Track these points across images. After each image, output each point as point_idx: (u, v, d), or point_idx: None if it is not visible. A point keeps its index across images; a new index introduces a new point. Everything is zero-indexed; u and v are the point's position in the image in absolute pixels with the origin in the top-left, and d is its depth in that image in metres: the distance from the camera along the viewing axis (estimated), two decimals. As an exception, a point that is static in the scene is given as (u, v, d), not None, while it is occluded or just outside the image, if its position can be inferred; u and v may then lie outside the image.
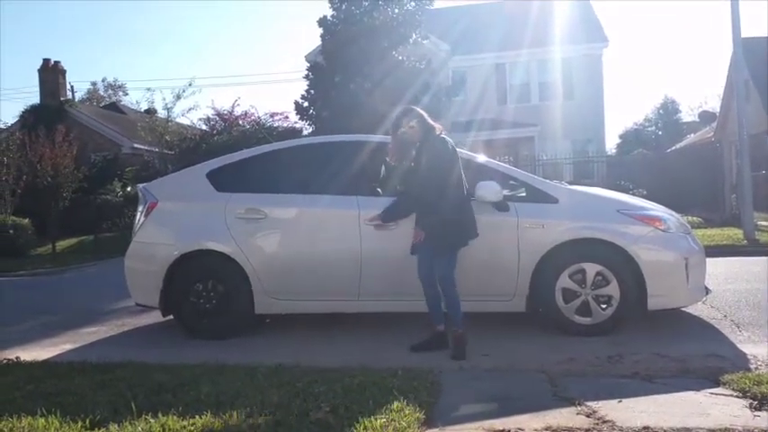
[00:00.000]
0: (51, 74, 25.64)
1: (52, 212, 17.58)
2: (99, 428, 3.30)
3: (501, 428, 3.17)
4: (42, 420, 3.43)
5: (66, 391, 3.98)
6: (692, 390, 3.72)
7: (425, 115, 4.87)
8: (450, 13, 27.76)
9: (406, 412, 3.30)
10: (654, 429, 3.11)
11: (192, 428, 3.22)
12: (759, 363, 4.31)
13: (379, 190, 6.44)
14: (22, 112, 25.17)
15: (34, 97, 35.93)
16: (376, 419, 3.20)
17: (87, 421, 3.37)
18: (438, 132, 4.78)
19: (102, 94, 51.96)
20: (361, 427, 3.12)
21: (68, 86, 29.55)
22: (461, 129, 22.42)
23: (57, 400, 3.75)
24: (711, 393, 3.65)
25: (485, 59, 25.51)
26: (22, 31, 77.61)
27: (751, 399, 3.49)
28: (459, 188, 4.75)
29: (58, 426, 3.35)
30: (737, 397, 3.56)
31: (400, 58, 17.65)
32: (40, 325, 6.96)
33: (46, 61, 25.84)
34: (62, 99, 25.72)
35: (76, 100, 33.47)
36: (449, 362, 4.51)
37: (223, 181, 5.95)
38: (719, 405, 3.45)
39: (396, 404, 3.41)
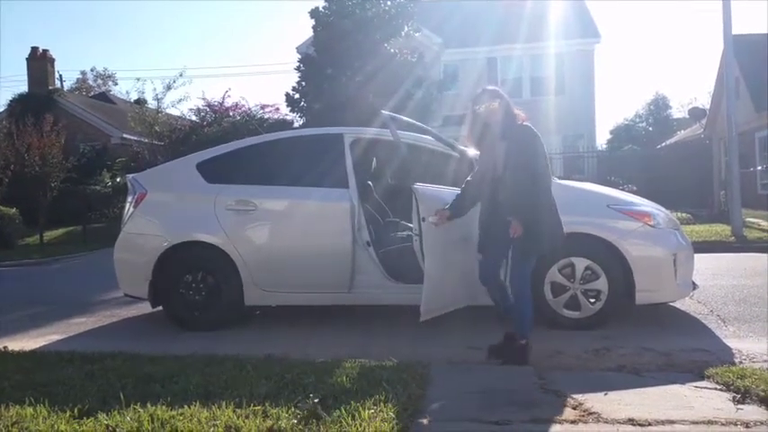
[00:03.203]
0: (40, 62, 25.45)
1: (40, 202, 17.46)
2: (87, 418, 3.29)
3: (489, 420, 3.19)
4: (30, 410, 3.42)
5: (55, 380, 3.97)
6: (678, 383, 3.76)
7: (510, 100, 4.43)
8: (443, 6, 27.68)
9: (395, 403, 3.32)
10: (639, 422, 3.14)
11: (181, 419, 3.22)
12: (743, 357, 4.38)
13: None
14: (10, 100, 25.03)
15: (22, 86, 35.61)
16: (364, 410, 3.22)
17: (76, 411, 3.37)
18: (522, 120, 4.35)
19: (91, 83, 51.51)
20: (350, 418, 3.13)
21: (57, 75, 29.37)
22: (453, 123, 22.35)
23: (45, 390, 3.74)
24: (696, 387, 3.69)
25: (477, 53, 25.49)
26: (11, 19, 76.87)
27: (734, 392, 3.53)
28: (550, 180, 4.36)
29: (46, 415, 3.35)
30: (721, 390, 3.60)
31: (392, 50, 17.62)
32: (28, 315, 6.94)
33: (34, 50, 25.63)
34: (51, 88, 25.51)
35: (65, 89, 33.19)
36: (438, 355, 4.53)
37: (213, 172, 5.94)
38: (703, 398, 3.49)
39: (384, 395, 3.43)
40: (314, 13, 18.29)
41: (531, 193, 4.13)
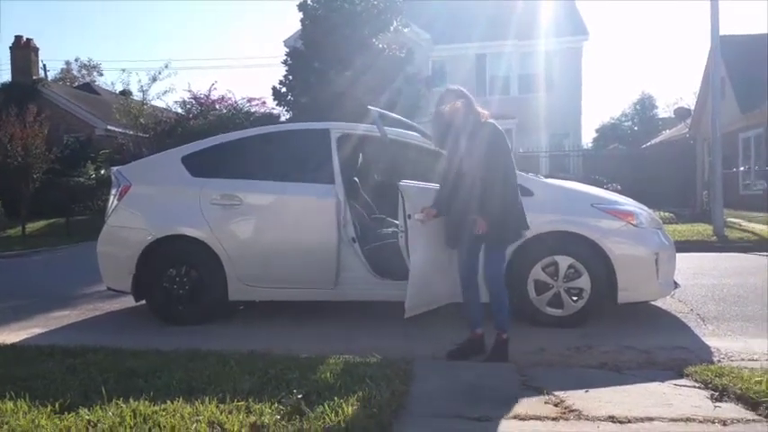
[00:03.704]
0: (23, 52, 25.22)
1: (23, 194, 17.30)
2: (69, 413, 3.27)
3: (470, 416, 3.21)
4: (11, 404, 3.40)
5: (36, 375, 3.94)
6: (657, 381, 3.80)
7: (473, 99, 4.49)
8: (432, 2, 27.64)
9: (378, 400, 3.33)
10: (618, 419, 3.18)
11: (164, 414, 3.21)
12: (722, 356, 4.43)
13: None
14: (-7, 90, 24.70)
15: (5, 75, 35.24)
16: (348, 406, 3.23)
17: (57, 405, 3.35)
18: (485, 118, 4.41)
19: (75, 74, 51.07)
20: (333, 414, 3.14)
21: (41, 65, 29.05)
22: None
23: (26, 384, 3.72)
24: (675, 385, 3.73)
25: (466, 50, 25.53)
26: (-5, 7, 75.91)
27: (712, 390, 3.58)
28: (515, 176, 4.47)
29: (26, 410, 3.33)
30: (700, 388, 3.65)
31: (381, 45, 17.59)
32: (8, 308, 6.88)
33: (18, 39, 25.40)
34: (34, 78, 25.29)
35: (49, 79, 32.87)
36: (422, 351, 4.55)
37: (198, 166, 5.91)
38: (682, 396, 3.53)
39: (368, 392, 3.44)
40: (302, 6, 18.21)
41: (496, 188, 4.25)
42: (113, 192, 6.07)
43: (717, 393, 3.53)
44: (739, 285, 7.01)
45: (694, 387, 3.68)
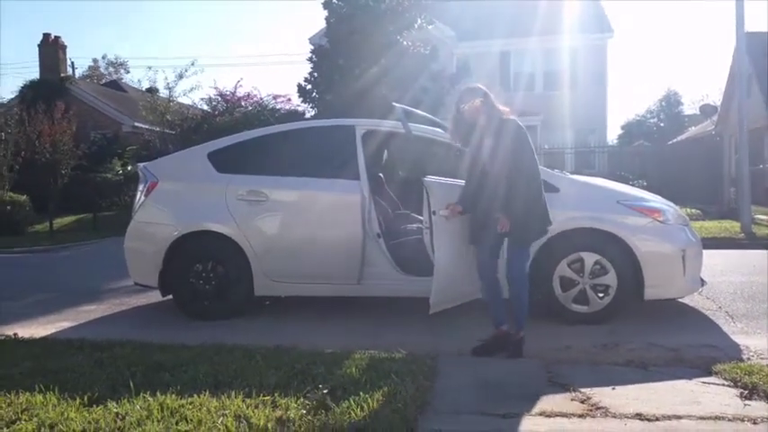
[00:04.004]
0: (51, 49, 25.49)
1: (51, 189, 17.52)
2: (97, 406, 3.32)
3: (496, 413, 3.20)
4: (40, 397, 3.46)
5: (65, 368, 4.00)
6: (685, 378, 3.76)
7: (492, 96, 4.48)
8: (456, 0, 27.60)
9: (403, 395, 3.33)
10: (646, 416, 3.15)
11: (191, 407, 3.25)
12: (751, 353, 4.37)
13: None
14: (22, 87, 25.02)
15: (34, 72, 35.75)
16: (373, 401, 3.24)
17: (85, 398, 3.40)
18: (506, 116, 4.39)
19: (102, 71, 51.75)
20: (358, 409, 3.15)
21: (69, 62, 29.42)
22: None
23: (55, 378, 3.77)
24: (703, 382, 3.68)
25: (490, 47, 25.36)
26: (23, 5, 77.11)
27: (742, 388, 3.54)
28: (538, 173, 4.39)
29: (56, 402, 3.38)
30: (729, 386, 3.60)
31: (405, 43, 17.57)
32: (37, 302, 7.00)
33: (46, 36, 25.67)
34: (62, 75, 25.55)
35: (77, 77, 33.32)
36: (447, 347, 4.55)
37: (224, 162, 5.95)
38: (711, 394, 3.49)
39: (393, 387, 3.45)
40: (327, 5, 18.25)
41: (519, 186, 4.21)
42: (140, 188, 6.14)
43: (746, 391, 3.49)
44: (768, 283, 6.90)
45: (723, 385, 3.63)
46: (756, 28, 22.35)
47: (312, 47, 19.54)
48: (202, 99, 21.15)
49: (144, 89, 24.47)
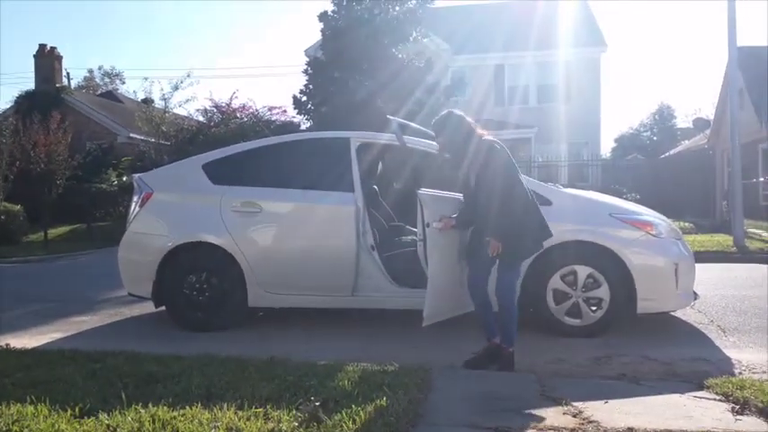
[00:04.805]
0: (47, 60, 25.54)
1: (45, 199, 17.48)
2: (88, 417, 3.29)
3: (488, 426, 3.20)
4: (31, 408, 3.42)
5: (56, 379, 3.98)
6: (677, 392, 3.77)
7: (468, 120, 4.47)
8: (451, 13, 27.73)
9: (396, 408, 3.33)
10: (638, 430, 3.15)
11: (183, 419, 3.24)
12: (743, 368, 4.39)
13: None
14: (17, 97, 25.10)
15: (30, 82, 35.72)
16: (365, 414, 3.23)
17: (77, 410, 3.37)
18: (483, 137, 4.38)
19: (98, 82, 51.75)
20: (351, 422, 3.15)
21: (64, 73, 29.45)
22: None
23: (46, 388, 3.75)
24: (695, 397, 3.69)
25: (484, 60, 25.55)
26: (20, 15, 77.18)
27: (733, 403, 3.54)
28: (523, 190, 4.34)
29: (47, 414, 3.35)
30: (720, 401, 3.61)
31: (400, 56, 17.67)
32: (30, 312, 6.97)
33: (42, 47, 25.72)
34: (58, 85, 25.59)
35: (72, 87, 33.30)
36: (440, 360, 4.55)
37: (219, 173, 5.97)
38: (703, 408, 3.50)
39: (385, 400, 3.45)
40: (323, 17, 18.35)
41: (503, 207, 4.19)
42: (135, 198, 6.14)
43: (738, 406, 3.49)
44: (760, 297, 6.93)
45: (715, 399, 3.64)
46: (749, 42, 22.49)
47: (308, 59, 19.61)
48: (198, 110, 21.27)
49: (140, 100, 24.49)
